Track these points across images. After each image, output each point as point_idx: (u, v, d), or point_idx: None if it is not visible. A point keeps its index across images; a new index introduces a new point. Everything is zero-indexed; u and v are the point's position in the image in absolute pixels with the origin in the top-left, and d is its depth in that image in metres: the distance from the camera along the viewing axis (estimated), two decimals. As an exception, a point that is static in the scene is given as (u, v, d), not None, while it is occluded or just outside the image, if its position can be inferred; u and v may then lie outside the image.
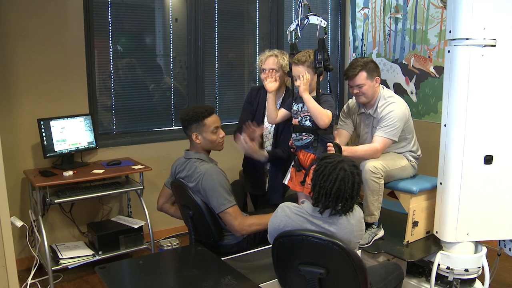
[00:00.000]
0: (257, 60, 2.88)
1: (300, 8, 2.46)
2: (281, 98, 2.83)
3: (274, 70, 2.69)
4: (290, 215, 1.90)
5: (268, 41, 4.19)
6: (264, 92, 2.83)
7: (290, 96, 2.73)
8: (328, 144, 2.30)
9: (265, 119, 2.85)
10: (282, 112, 2.55)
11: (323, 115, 2.26)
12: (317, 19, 2.38)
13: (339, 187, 1.77)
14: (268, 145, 2.86)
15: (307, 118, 2.33)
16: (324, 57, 2.25)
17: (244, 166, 3.04)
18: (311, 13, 2.43)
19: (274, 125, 2.81)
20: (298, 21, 2.47)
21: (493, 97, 2.35)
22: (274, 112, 2.54)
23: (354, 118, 2.94)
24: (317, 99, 2.29)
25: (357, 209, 1.90)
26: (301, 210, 1.89)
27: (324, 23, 2.35)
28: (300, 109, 2.36)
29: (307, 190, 2.31)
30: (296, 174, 2.42)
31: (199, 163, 2.47)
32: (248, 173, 3.01)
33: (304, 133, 2.34)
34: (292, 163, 2.46)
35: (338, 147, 2.33)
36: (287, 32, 2.56)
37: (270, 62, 2.72)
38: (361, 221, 1.91)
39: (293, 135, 2.40)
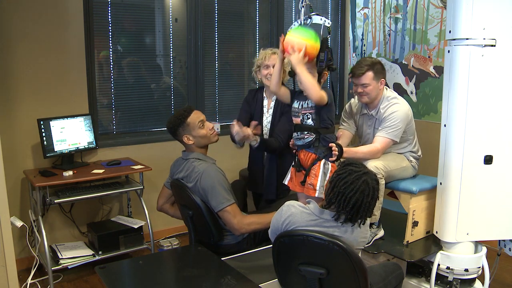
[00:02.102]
0: (257, 56, 2.88)
1: (302, 8, 2.46)
2: None
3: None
4: (296, 213, 1.90)
5: (268, 41, 4.19)
6: (262, 92, 2.89)
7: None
8: (331, 144, 2.29)
9: (264, 117, 2.88)
10: (285, 91, 2.44)
11: (317, 88, 2.16)
12: (321, 19, 2.38)
13: (358, 198, 1.77)
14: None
15: (309, 117, 2.31)
16: (327, 57, 2.25)
17: (249, 166, 3.04)
18: (314, 13, 2.43)
19: (270, 121, 2.82)
20: (300, 21, 2.47)
21: (493, 97, 2.34)
22: (277, 79, 2.37)
23: (356, 118, 2.94)
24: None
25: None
26: (307, 211, 1.89)
27: (329, 23, 2.35)
28: (301, 106, 2.35)
29: (307, 190, 2.30)
30: (296, 175, 2.42)
31: (197, 162, 2.47)
32: (252, 173, 3.01)
33: (305, 132, 2.33)
34: (293, 163, 2.46)
35: (340, 148, 2.32)
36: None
37: (274, 58, 2.72)
38: (366, 229, 1.91)
39: (294, 134, 2.39)
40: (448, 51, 2.41)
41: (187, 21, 3.77)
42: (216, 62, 3.97)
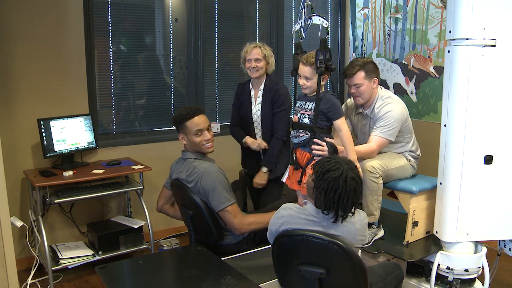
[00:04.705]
0: (242, 52, 3.04)
1: (304, 9, 2.47)
2: (263, 83, 3.00)
3: (258, 60, 2.93)
4: (292, 215, 1.90)
5: (268, 41, 4.18)
6: (248, 83, 3.09)
7: (271, 81, 2.96)
8: (321, 143, 2.30)
9: (252, 106, 3.03)
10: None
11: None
12: (319, 20, 2.40)
13: (348, 198, 1.77)
14: (258, 131, 3.04)
15: (305, 116, 2.33)
16: (326, 57, 2.26)
17: (242, 151, 3.18)
18: (314, 14, 2.45)
19: (260, 109, 3.00)
20: (301, 22, 2.48)
21: (493, 97, 2.34)
22: None
23: (352, 118, 2.94)
24: (318, 99, 2.29)
25: (362, 214, 1.91)
26: (304, 212, 1.89)
27: (326, 24, 2.37)
28: (300, 107, 2.38)
29: (304, 189, 2.31)
30: (294, 173, 2.43)
31: (197, 162, 2.47)
32: (244, 156, 3.19)
33: (301, 130, 2.35)
34: (291, 161, 2.47)
35: (333, 148, 2.33)
36: (292, 32, 2.58)
37: (255, 52, 2.95)
38: (365, 227, 1.91)
39: (292, 131, 2.43)
40: (448, 51, 2.41)
41: (187, 21, 3.77)
42: (216, 62, 3.97)
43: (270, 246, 1.99)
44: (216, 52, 3.95)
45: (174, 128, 2.58)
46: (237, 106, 3.16)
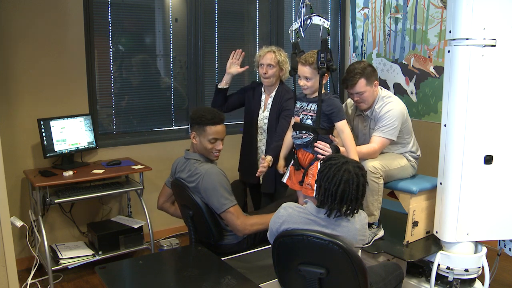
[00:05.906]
0: (256, 55, 3.01)
1: (303, 8, 2.47)
2: (275, 90, 2.95)
3: (271, 66, 2.86)
4: (293, 215, 1.90)
5: (268, 41, 4.18)
6: (261, 87, 3.03)
7: (283, 90, 2.91)
8: (324, 144, 2.30)
9: (260, 111, 2.99)
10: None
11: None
12: (320, 20, 2.39)
13: (343, 189, 1.76)
14: (263, 138, 2.99)
15: (308, 117, 2.33)
16: (327, 58, 2.25)
17: (242, 158, 3.13)
18: (314, 14, 2.44)
19: (268, 117, 2.94)
20: (300, 21, 2.48)
21: (493, 97, 2.35)
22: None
23: (352, 119, 2.94)
24: (320, 100, 2.29)
25: (362, 214, 1.90)
26: (304, 211, 1.89)
27: (327, 24, 2.36)
28: (302, 108, 2.38)
29: (306, 191, 2.31)
30: (295, 173, 2.43)
31: (199, 163, 2.47)
32: (243, 161, 3.14)
33: (304, 132, 2.34)
34: (292, 162, 2.47)
35: (336, 148, 2.33)
36: (289, 32, 2.57)
37: (268, 57, 2.87)
38: (365, 227, 1.91)
39: (293, 133, 2.41)
40: (448, 51, 2.41)
41: (187, 21, 3.77)
42: (216, 62, 3.97)
43: (270, 246, 2.00)
44: (216, 52, 3.95)
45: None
46: (240, 97, 3.09)
